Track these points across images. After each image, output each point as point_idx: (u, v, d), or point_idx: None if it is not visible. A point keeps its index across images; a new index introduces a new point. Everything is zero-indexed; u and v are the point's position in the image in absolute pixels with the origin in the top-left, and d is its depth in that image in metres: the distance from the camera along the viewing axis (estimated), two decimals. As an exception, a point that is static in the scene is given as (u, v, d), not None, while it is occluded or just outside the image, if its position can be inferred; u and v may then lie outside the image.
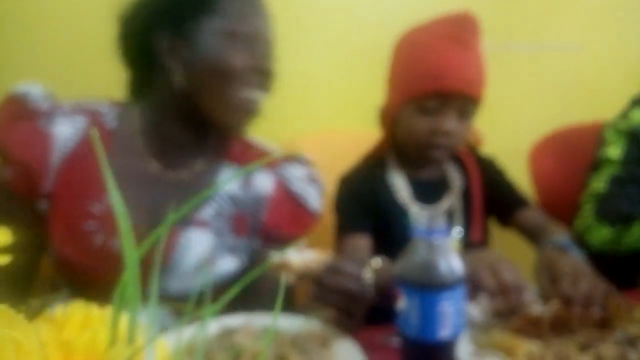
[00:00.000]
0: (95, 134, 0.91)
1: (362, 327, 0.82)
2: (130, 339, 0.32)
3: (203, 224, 0.95)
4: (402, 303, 0.70)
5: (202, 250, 0.94)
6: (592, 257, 1.20)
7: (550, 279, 0.89)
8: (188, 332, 0.45)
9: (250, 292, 0.41)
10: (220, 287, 0.88)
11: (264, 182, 1.02)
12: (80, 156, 0.91)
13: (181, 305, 0.91)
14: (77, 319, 0.33)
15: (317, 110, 1.60)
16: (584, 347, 0.77)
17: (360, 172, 1.20)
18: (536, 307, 0.83)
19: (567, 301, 0.84)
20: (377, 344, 0.82)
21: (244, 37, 0.90)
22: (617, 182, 1.26)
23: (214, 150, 1.01)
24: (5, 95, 0.93)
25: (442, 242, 0.69)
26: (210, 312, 0.40)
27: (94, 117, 0.95)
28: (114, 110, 0.97)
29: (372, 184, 1.16)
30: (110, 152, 0.92)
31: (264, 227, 1.01)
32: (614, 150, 1.30)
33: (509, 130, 1.67)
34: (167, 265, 0.91)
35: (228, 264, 0.97)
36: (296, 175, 1.04)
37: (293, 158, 1.07)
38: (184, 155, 0.97)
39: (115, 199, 0.31)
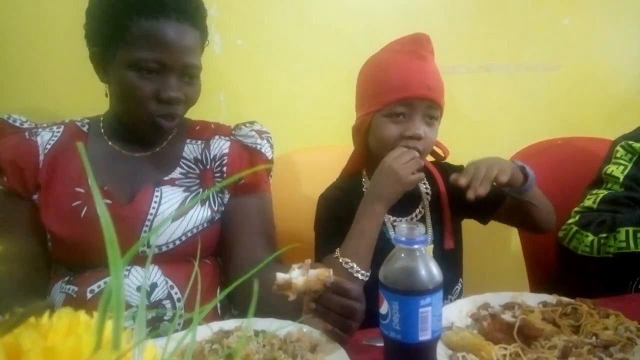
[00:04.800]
0: (73, 132, 1.06)
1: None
2: (115, 344, 0.31)
3: (172, 182, 1.06)
4: (385, 307, 0.69)
5: (175, 202, 1.04)
6: (580, 261, 1.16)
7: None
8: (179, 335, 0.44)
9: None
10: (198, 232, 1.04)
11: (221, 144, 1.13)
12: (62, 152, 1.04)
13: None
14: (62, 326, 0.32)
15: (306, 127, 1.60)
16: (562, 354, 0.76)
17: (338, 187, 1.21)
18: (506, 316, 0.82)
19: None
20: (361, 346, 0.81)
21: (151, 67, 0.95)
22: (610, 202, 1.19)
23: (177, 131, 1.11)
24: None
25: (422, 250, 0.68)
26: (200, 314, 0.39)
27: (69, 125, 1.09)
28: (85, 120, 1.11)
29: (349, 197, 1.16)
30: (85, 146, 1.05)
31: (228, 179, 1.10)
32: (619, 169, 1.21)
33: (488, 145, 1.67)
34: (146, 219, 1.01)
35: (202, 213, 1.06)
36: (247, 133, 1.15)
37: (243, 124, 1.17)
38: (145, 141, 1.08)
39: (99, 203, 0.30)
